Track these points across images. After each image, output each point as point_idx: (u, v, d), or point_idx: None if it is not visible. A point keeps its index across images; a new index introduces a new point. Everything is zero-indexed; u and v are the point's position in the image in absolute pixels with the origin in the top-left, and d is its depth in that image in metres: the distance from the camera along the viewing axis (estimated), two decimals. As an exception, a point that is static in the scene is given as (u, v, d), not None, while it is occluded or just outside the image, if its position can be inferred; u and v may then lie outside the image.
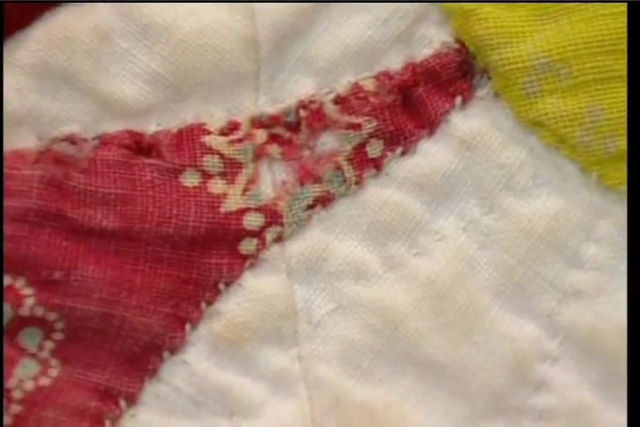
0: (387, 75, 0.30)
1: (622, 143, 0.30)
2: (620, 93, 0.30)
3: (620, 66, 0.30)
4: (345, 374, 0.30)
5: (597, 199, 0.30)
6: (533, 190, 0.30)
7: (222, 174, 0.30)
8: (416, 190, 0.30)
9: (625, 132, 0.30)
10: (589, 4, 0.30)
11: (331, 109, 0.30)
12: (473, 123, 0.30)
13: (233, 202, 0.30)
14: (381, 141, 0.30)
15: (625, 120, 0.30)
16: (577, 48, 0.29)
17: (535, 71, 0.29)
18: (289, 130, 0.30)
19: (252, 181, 0.30)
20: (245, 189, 0.30)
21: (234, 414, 0.30)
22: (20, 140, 0.29)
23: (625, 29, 0.30)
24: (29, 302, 0.29)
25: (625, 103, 0.30)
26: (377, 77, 0.30)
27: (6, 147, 0.30)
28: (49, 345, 0.29)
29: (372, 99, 0.30)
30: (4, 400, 0.30)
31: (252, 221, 0.30)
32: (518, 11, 0.30)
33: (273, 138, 0.30)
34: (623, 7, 0.30)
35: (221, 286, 0.30)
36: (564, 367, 0.30)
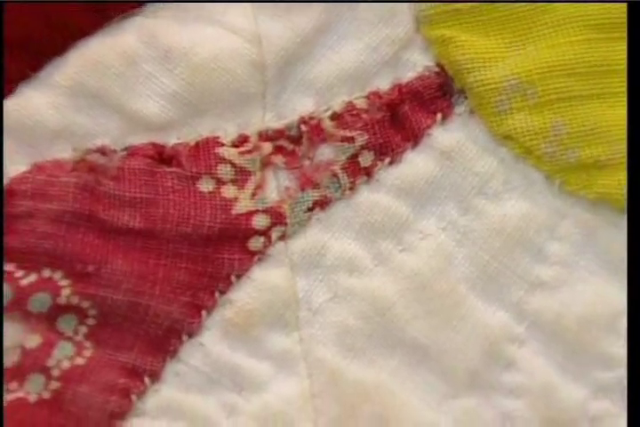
0: (376, 94, 0.31)
1: (581, 154, 0.30)
2: (579, 110, 0.30)
3: (579, 86, 0.30)
4: (340, 355, 0.31)
5: (559, 203, 0.31)
6: (504, 195, 0.31)
7: (234, 181, 0.31)
8: (402, 195, 0.31)
9: (584, 144, 0.30)
10: (553, 34, 0.30)
11: (328, 125, 0.31)
12: (452, 136, 0.31)
13: (243, 205, 0.31)
14: (372, 152, 0.31)
15: (584, 134, 0.31)
16: (542, 71, 0.30)
17: (505, 91, 0.30)
18: (291, 142, 0.31)
19: (259, 186, 0.31)
20: (254, 194, 0.31)
21: (243, 390, 0.31)
22: (59, 152, 0.30)
23: (583, 54, 0.31)
24: (66, 291, 0.30)
25: (583, 119, 0.31)
26: (368, 97, 0.31)
27: (47, 157, 0.30)
28: (83, 330, 0.30)
29: (363, 115, 0.31)
30: (44, 377, 0.30)
31: (260, 221, 0.31)
32: (491, 39, 0.31)
33: (277, 149, 0.31)
34: (582, 35, 0.31)
35: (233, 278, 0.31)
36: (530, 349, 0.31)
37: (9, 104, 0.30)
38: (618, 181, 0.30)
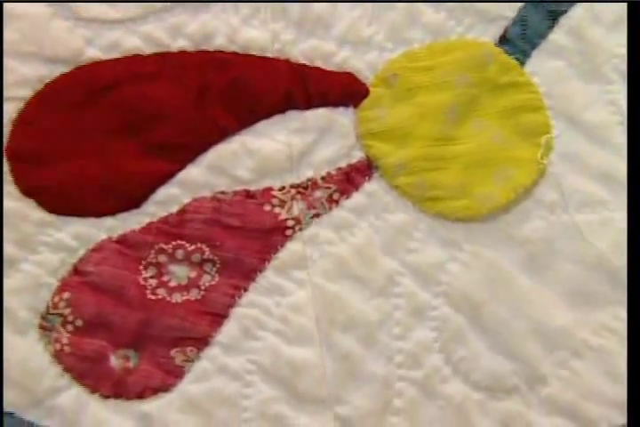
0: (340, 169, 0.49)
1: (429, 193, 0.46)
2: (428, 176, 0.46)
3: (428, 166, 0.46)
4: (325, 281, 0.48)
5: (419, 215, 0.48)
6: (394, 211, 0.49)
7: (279, 205, 0.48)
8: (351, 211, 0.48)
9: (430, 190, 0.46)
10: (416, 142, 0.46)
11: (319, 182, 0.48)
12: (372, 186, 0.48)
13: (283, 216, 0.48)
14: (338, 193, 0.48)
15: (430, 185, 0.46)
16: (411, 160, 0.47)
17: (394, 169, 0.47)
18: (304, 189, 0.48)
19: (290, 208, 0.47)
20: (288, 211, 0.48)
21: (283, 295, 0.48)
22: (202, 194, 0.48)
23: (427, 154, 0.46)
24: (207, 253, 0.48)
25: (430, 179, 0.46)
26: (336, 170, 0.48)
27: (197, 195, 0.47)
28: (215, 269, 0.49)
29: (334, 177, 0.48)
30: (197, 289, 0.48)
31: (290, 223, 0.48)
32: (389, 146, 0.47)
33: (298, 192, 0.48)
34: (425, 143, 0.47)
35: (279, 247, 0.48)
36: (407, 278, 0.49)
37: (179, 176, 0.48)
38: (447, 207, 0.47)
